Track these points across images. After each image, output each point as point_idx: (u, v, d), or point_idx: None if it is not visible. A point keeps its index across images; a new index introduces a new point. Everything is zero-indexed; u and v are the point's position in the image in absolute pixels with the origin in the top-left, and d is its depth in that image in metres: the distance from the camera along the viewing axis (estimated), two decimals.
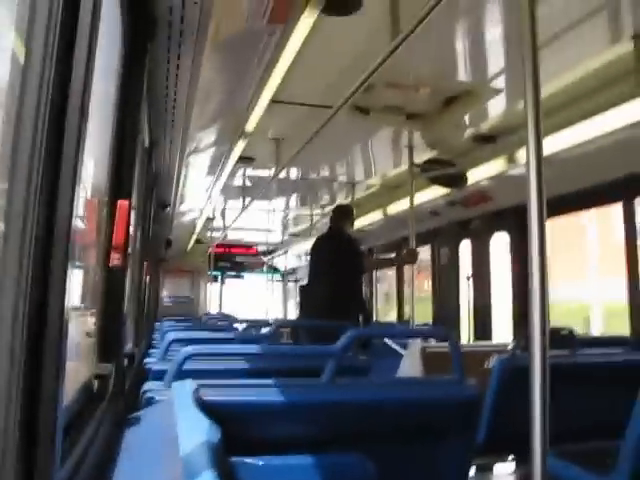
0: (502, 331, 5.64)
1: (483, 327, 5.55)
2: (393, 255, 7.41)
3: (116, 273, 1.88)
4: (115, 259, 1.67)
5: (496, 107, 3.78)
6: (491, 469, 3.66)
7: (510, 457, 3.66)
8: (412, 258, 4.85)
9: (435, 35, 2.77)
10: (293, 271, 12.94)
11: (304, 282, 11.39)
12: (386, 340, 4.87)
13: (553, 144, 3.48)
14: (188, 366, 2.15)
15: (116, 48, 1.96)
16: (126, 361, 2.61)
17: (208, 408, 1.54)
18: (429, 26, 2.08)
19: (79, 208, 0.91)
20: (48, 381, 0.71)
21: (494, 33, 2.82)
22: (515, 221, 5.04)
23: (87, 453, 1.22)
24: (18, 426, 0.67)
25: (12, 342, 0.69)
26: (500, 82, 3.36)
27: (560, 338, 3.03)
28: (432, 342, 4.09)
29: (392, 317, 8.40)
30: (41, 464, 0.69)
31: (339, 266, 5.01)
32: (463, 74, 3.36)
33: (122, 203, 1.63)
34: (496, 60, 3.13)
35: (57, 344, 0.73)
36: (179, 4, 2.03)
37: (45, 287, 0.73)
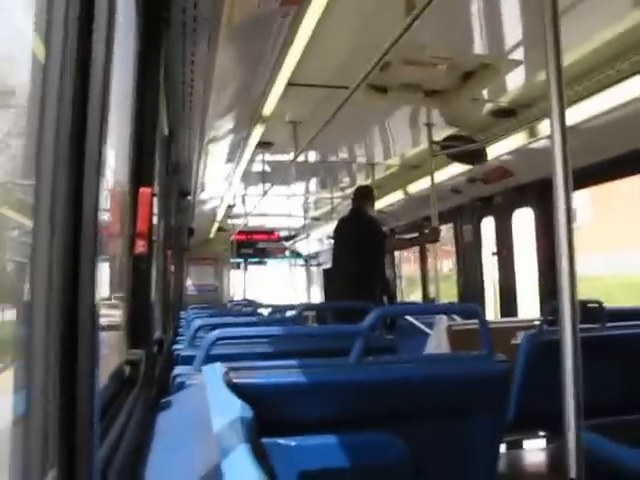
0: (528, 307, 5.60)
1: (508, 303, 5.52)
2: (416, 235, 7.39)
3: (142, 261, 1.91)
4: (140, 246, 1.69)
5: (515, 80, 3.72)
6: (521, 445, 3.66)
7: (540, 433, 3.66)
8: (435, 237, 4.84)
9: (450, 8, 2.73)
10: (316, 255, 12.96)
11: (327, 266, 11.43)
12: (411, 320, 4.86)
13: (576, 114, 3.42)
14: (216, 351, 2.17)
15: (132, 38, 1.97)
16: (155, 348, 2.65)
17: (238, 390, 1.56)
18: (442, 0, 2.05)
19: (104, 199, 0.92)
20: (83, 367, 0.72)
21: (511, 3, 2.77)
22: (538, 196, 4.97)
23: (122, 436, 1.24)
24: (58, 410, 0.68)
25: (47, 333, 0.70)
26: (519, 54, 3.31)
27: (589, 311, 3.00)
28: (458, 320, 4.08)
29: (416, 297, 8.39)
30: (81, 445, 0.71)
31: (362, 247, 5.01)
32: (480, 47, 3.30)
33: (144, 190, 1.65)
34: (514, 31, 3.07)
35: (90, 332, 0.74)
36: None
37: (75, 278, 0.75)
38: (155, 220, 2.35)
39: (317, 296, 13.01)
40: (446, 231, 6.57)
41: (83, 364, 0.72)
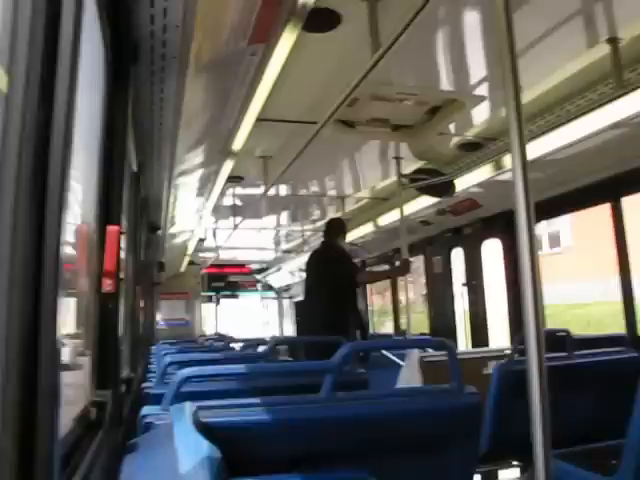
0: (499, 336, 5.64)
1: (480, 333, 5.55)
2: (387, 267, 7.43)
3: (109, 299, 1.88)
4: (107, 285, 1.66)
5: (480, 114, 3.82)
6: (496, 476, 3.65)
7: (514, 462, 3.65)
8: (406, 269, 4.86)
9: (416, 46, 2.80)
10: (287, 288, 12.92)
11: (298, 299, 11.40)
12: (384, 352, 4.86)
13: (538, 148, 3.51)
14: (186, 388, 2.14)
15: (100, 75, 1.97)
16: (124, 387, 2.59)
17: (208, 430, 1.53)
18: (409, 38, 2.10)
19: (68, 236, 0.91)
20: (43, 411, 0.70)
21: (474, 42, 2.85)
22: (505, 226, 5.06)
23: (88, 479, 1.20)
24: (14, 461, 0.66)
25: (4, 374, 0.68)
26: (483, 89, 3.40)
27: (556, 340, 3.04)
28: (430, 351, 4.09)
29: (387, 329, 8.39)
30: None
31: (333, 280, 5.01)
32: (446, 83, 3.39)
33: (112, 229, 1.63)
34: (478, 68, 3.16)
35: (50, 373, 0.73)
36: (160, 28, 2.05)
37: (36, 317, 0.73)
38: (123, 256, 2.32)
39: (289, 329, 12.93)
40: (416, 262, 6.62)
41: (42, 408, 0.70)
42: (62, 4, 0.83)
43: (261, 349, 4.39)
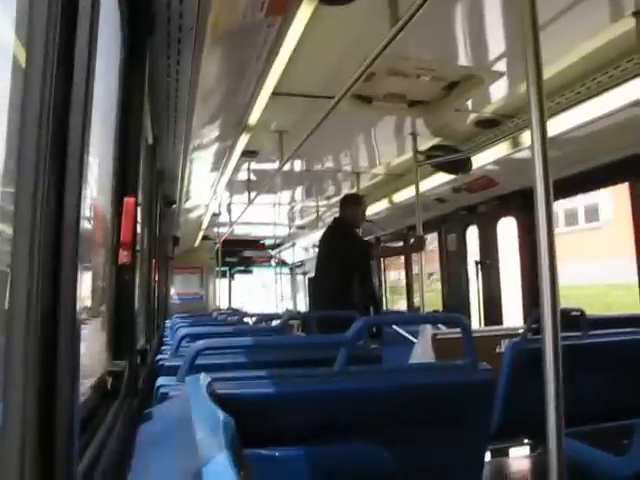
0: (512, 315, 5.63)
1: (493, 312, 5.55)
2: (401, 244, 7.42)
3: (126, 270, 1.89)
4: (124, 256, 1.68)
5: (498, 91, 3.76)
6: (507, 453, 3.67)
7: (525, 441, 3.67)
8: (420, 246, 4.86)
9: (434, 20, 2.75)
10: (301, 264, 12.96)
11: (312, 274, 11.44)
12: (397, 328, 4.87)
13: (558, 125, 3.46)
14: (200, 361, 2.16)
15: (116, 46, 1.97)
16: (139, 358, 2.63)
17: (222, 401, 1.55)
18: (428, 11, 2.07)
19: (86, 208, 0.92)
20: (63, 380, 0.71)
21: (494, 16, 2.80)
22: (521, 205, 5.02)
23: (104, 449, 1.23)
24: (36, 424, 0.67)
25: (25, 345, 0.69)
26: (502, 65, 3.34)
27: (571, 319, 3.02)
28: (443, 329, 4.10)
29: (400, 306, 8.41)
30: (60, 460, 0.70)
31: (343, 256, 5.01)
32: (464, 58, 3.34)
33: (128, 200, 1.64)
34: (497, 43, 3.11)
35: (70, 344, 0.74)
36: None
37: (56, 288, 0.74)
38: (139, 229, 2.33)
39: (302, 304, 12.99)
40: (431, 240, 6.61)
41: (63, 375, 0.71)
42: None
43: (274, 324, 4.43)
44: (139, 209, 2.01)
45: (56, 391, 0.71)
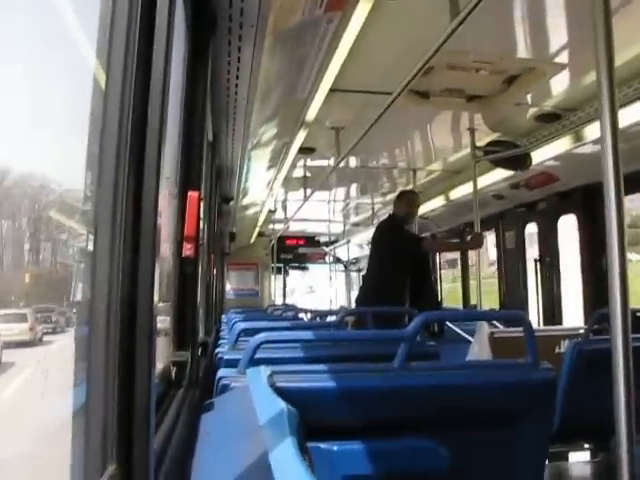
0: (572, 315, 5.48)
1: (552, 311, 5.41)
2: (458, 240, 7.31)
3: (189, 263, 1.94)
4: (187, 249, 1.72)
5: (560, 83, 3.66)
6: (566, 458, 3.58)
7: (585, 445, 3.56)
8: (478, 242, 4.78)
9: (494, 12, 2.70)
10: (355, 261, 12.95)
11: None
12: (452, 326, 4.82)
13: (625, 117, 3.34)
14: (258, 355, 2.19)
15: (181, 44, 2.01)
16: (199, 350, 2.68)
17: (282, 393, 1.57)
18: (488, 3, 2.04)
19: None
20: (141, 365, 0.74)
21: (557, 5, 2.73)
22: (583, 201, 4.88)
23: (172, 435, 1.27)
24: (117, 408, 0.70)
25: (107, 330, 0.73)
26: (564, 57, 3.25)
27: (638, 320, 2.92)
28: (500, 327, 4.03)
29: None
30: (138, 442, 0.72)
31: (394, 252, 4.97)
32: (524, 51, 3.26)
33: (192, 194, 1.68)
34: (559, 34, 3.03)
35: (148, 332, 0.77)
36: None
37: (135, 281, 0.77)
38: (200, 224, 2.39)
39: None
40: (488, 237, 6.50)
41: (141, 360, 0.74)
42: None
43: (329, 320, 4.44)
44: (201, 203, 2.06)
45: (135, 375, 0.73)
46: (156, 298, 0.80)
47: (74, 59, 1.01)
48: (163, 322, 2.15)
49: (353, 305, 12.56)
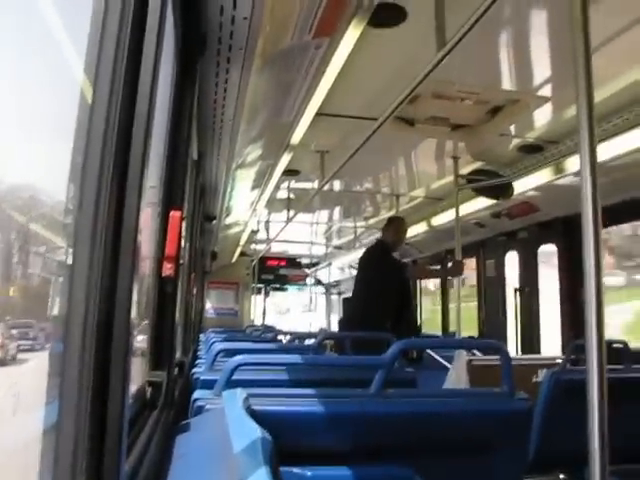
0: (549, 345, 5.51)
1: (531, 340, 5.44)
2: (439, 267, 7.36)
3: (168, 283, 1.93)
4: (167, 269, 1.71)
5: (543, 116, 3.73)
6: None
7: (560, 476, 3.56)
8: (458, 270, 4.81)
9: (481, 45, 2.76)
10: (336, 283, 12.94)
11: (347, 295, 11.40)
12: (431, 352, 4.82)
13: (604, 152, 3.40)
14: (235, 376, 2.18)
15: (169, 64, 2.02)
16: (176, 370, 2.65)
17: (257, 417, 1.56)
18: (475, 36, 2.07)
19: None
20: (115, 384, 0.73)
21: (541, 40, 2.79)
22: (562, 232, 4.94)
23: (144, 456, 1.24)
24: (89, 425, 0.69)
25: (82, 348, 0.72)
26: (547, 90, 3.32)
27: (614, 351, 2.95)
28: (478, 355, 4.04)
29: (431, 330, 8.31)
30: (109, 460, 0.71)
31: (380, 278, 4.99)
32: (508, 83, 3.33)
33: (174, 213, 1.67)
34: (543, 67, 3.09)
35: (123, 349, 0.76)
36: (229, 20, 2.08)
37: (112, 298, 0.76)
38: (182, 243, 2.38)
39: (336, 324, 12.93)
40: (469, 264, 6.54)
41: (115, 379, 0.73)
42: (147, 14, 0.86)
43: (308, 342, 4.42)
44: (183, 223, 2.05)
45: (108, 394, 0.72)
46: (133, 316, 0.79)
47: (61, 73, 1.01)
48: (140, 341, 2.13)
49: (333, 327, 12.58)
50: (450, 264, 5.20)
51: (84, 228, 0.74)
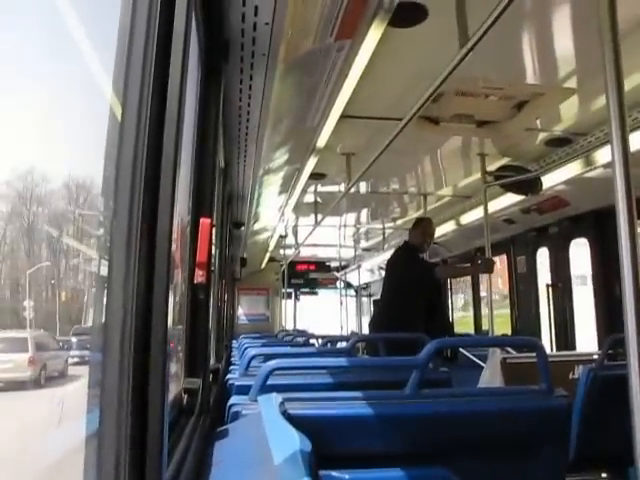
0: (585, 340, 5.42)
1: (565, 336, 5.36)
2: (468, 265, 7.29)
3: (201, 290, 1.95)
4: (199, 276, 1.72)
5: (570, 108, 3.67)
6: None
7: (603, 475, 3.49)
8: (488, 268, 4.76)
9: (503, 40, 2.72)
10: (366, 286, 12.90)
11: (377, 297, 11.37)
12: (465, 352, 4.78)
13: (637, 141, 3.33)
14: (270, 381, 2.18)
15: (193, 73, 2.04)
16: (210, 377, 2.67)
17: (294, 421, 1.56)
18: (497, 30, 2.06)
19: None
20: (154, 389, 0.74)
21: (566, 31, 2.75)
22: (594, 226, 4.86)
23: (184, 463, 1.26)
24: (130, 433, 0.70)
25: (121, 357, 0.73)
26: (573, 82, 3.27)
27: None
28: (512, 353, 3.99)
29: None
30: (151, 468, 0.72)
31: (410, 280, 4.97)
32: (533, 77, 3.28)
33: (204, 221, 1.69)
34: (568, 59, 3.04)
35: (162, 359, 0.77)
36: (250, 26, 2.10)
37: (149, 307, 0.77)
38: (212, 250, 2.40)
39: (367, 327, 12.88)
40: (499, 262, 6.47)
41: (154, 389, 0.74)
42: (173, 23, 0.87)
43: (340, 346, 4.41)
44: (213, 230, 2.07)
45: (148, 400, 0.73)
46: (170, 324, 0.80)
47: (91, 88, 1.03)
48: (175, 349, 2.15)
49: (365, 330, 12.54)
50: (480, 261, 5.14)
51: (119, 240, 0.75)
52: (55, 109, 0.89)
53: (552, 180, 4.58)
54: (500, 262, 6.44)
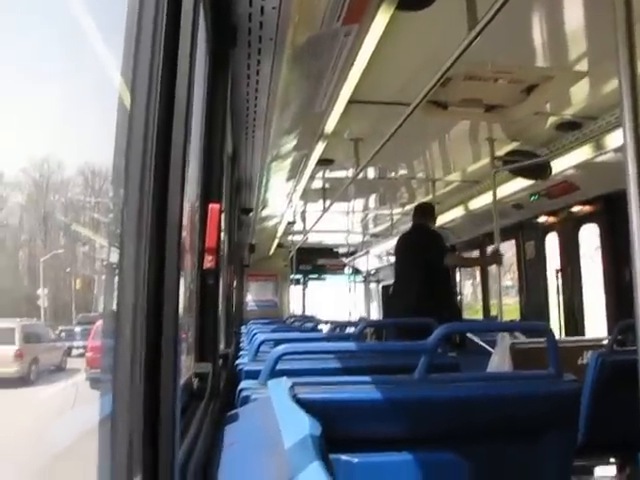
0: (594, 326, 5.41)
1: (574, 322, 5.35)
2: (477, 254, 7.28)
3: (210, 275, 1.95)
4: (209, 261, 1.73)
5: (580, 92, 3.64)
6: (592, 472, 3.51)
7: (612, 460, 3.50)
8: (496, 259, 4.78)
9: (512, 22, 2.69)
10: (375, 272, 12.91)
11: (386, 283, 11.37)
12: (473, 337, 4.78)
13: None
14: (279, 366, 2.19)
15: (201, 60, 2.04)
16: (220, 361, 2.69)
17: (304, 405, 1.57)
18: (506, 13, 2.03)
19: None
20: (166, 373, 0.75)
21: (576, 13, 2.71)
22: (605, 210, 4.83)
23: (195, 446, 1.27)
24: (143, 413, 0.71)
25: (133, 342, 0.73)
26: (583, 65, 3.23)
27: None
28: (521, 338, 3.99)
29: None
30: (164, 453, 0.73)
31: (424, 264, 4.98)
32: (543, 60, 3.25)
33: (213, 206, 1.69)
34: (578, 42, 3.01)
35: (173, 344, 0.77)
36: (258, 10, 2.09)
37: (160, 293, 0.78)
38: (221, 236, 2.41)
39: (376, 312, 12.92)
40: (508, 248, 6.45)
41: (166, 373, 0.75)
42: (181, 9, 0.87)
43: (349, 331, 4.43)
44: (222, 216, 2.08)
45: (160, 384, 0.74)
46: (181, 310, 0.81)
47: (100, 77, 1.03)
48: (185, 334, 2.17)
49: (373, 315, 12.55)
50: (489, 253, 5.14)
51: (129, 227, 0.75)
52: (65, 98, 0.90)
53: (562, 165, 4.55)
54: (509, 247, 6.42)
